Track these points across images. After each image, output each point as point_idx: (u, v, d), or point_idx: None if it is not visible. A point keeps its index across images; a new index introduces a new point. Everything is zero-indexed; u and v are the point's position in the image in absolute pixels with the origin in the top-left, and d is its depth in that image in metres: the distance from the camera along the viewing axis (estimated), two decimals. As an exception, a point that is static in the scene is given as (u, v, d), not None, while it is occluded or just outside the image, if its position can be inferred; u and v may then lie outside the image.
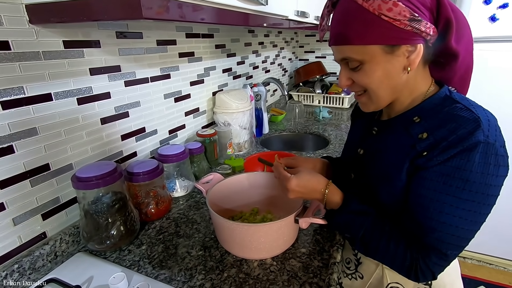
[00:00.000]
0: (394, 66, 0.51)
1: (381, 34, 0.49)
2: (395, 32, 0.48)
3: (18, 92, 0.61)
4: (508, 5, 1.45)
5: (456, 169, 0.48)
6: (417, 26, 0.47)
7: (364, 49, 0.51)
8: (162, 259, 0.69)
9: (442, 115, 0.52)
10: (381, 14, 0.47)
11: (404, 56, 0.50)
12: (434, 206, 0.50)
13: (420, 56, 0.50)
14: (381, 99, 0.56)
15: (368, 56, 0.51)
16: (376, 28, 0.48)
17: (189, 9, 0.57)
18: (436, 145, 0.50)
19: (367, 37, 0.49)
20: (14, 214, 0.64)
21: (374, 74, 0.53)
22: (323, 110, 1.81)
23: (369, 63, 0.52)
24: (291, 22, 1.17)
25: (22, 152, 0.64)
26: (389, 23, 0.47)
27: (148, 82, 0.96)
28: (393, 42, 0.49)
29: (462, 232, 0.50)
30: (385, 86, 0.54)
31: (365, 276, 0.71)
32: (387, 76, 0.53)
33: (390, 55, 0.50)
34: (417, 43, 0.49)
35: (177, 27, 1.04)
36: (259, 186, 0.85)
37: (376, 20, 0.48)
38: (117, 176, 0.69)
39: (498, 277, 1.84)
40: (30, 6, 0.60)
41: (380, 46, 0.50)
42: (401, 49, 0.50)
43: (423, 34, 0.48)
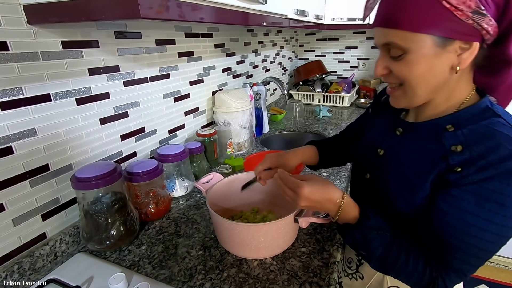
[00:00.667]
0: (441, 62, 0.46)
1: (437, 23, 0.42)
2: (454, 24, 0.42)
3: (17, 93, 0.61)
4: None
5: (493, 192, 0.44)
6: (479, 21, 0.42)
7: (413, 36, 0.44)
8: (162, 259, 0.69)
9: (481, 128, 0.47)
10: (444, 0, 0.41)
11: (456, 53, 0.45)
12: (463, 226, 0.46)
13: (473, 56, 0.45)
14: (417, 97, 0.50)
15: (416, 45, 0.45)
16: (433, 15, 0.42)
17: (188, 8, 0.57)
18: (472, 162, 0.45)
19: (420, 24, 0.43)
20: (14, 215, 0.64)
21: (417, 67, 0.47)
22: (323, 109, 1.81)
23: (414, 54, 0.46)
24: (290, 21, 1.17)
25: (21, 153, 0.64)
26: (449, 11, 0.41)
27: (147, 82, 0.96)
28: (448, 34, 0.43)
29: (486, 254, 0.48)
30: (426, 83, 0.48)
31: (365, 277, 0.70)
32: (431, 72, 0.47)
33: (440, 49, 0.44)
34: (474, 41, 0.44)
35: (176, 27, 1.04)
36: (259, 186, 0.85)
37: (435, 5, 0.42)
38: (116, 176, 0.69)
39: (499, 275, 1.84)
40: (28, 6, 0.59)
41: (432, 36, 0.44)
42: (454, 45, 0.44)
43: (483, 32, 0.43)
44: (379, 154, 0.62)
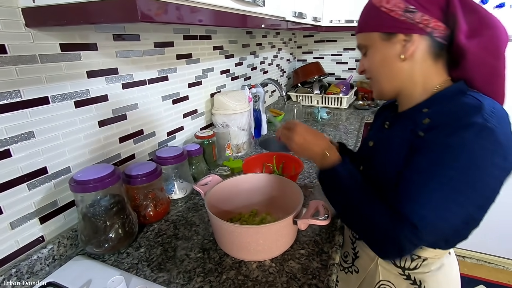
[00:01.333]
0: (390, 52, 0.57)
1: (380, 23, 0.56)
2: (391, 21, 0.54)
3: (15, 96, 0.61)
4: (504, 5, 1.45)
5: (447, 146, 0.48)
6: (411, 17, 0.52)
7: (368, 35, 0.59)
8: (160, 262, 0.69)
9: (450, 104, 0.53)
10: (381, 6, 0.55)
11: (401, 44, 0.55)
12: (418, 177, 0.50)
13: (414, 45, 0.54)
14: (381, 83, 0.62)
15: (370, 42, 0.59)
16: (376, 18, 0.56)
17: (186, 11, 0.57)
18: (434, 127, 0.51)
19: (369, 25, 0.59)
20: (11, 218, 0.63)
21: (374, 59, 0.60)
22: (321, 111, 1.81)
23: (371, 48, 0.60)
24: (288, 23, 1.17)
25: (19, 155, 0.63)
26: (386, 13, 0.55)
27: (145, 84, 0.96)
28: (389, 30, 0.55)
29: (443, 213, 0.48)
30: (383, 71, 0.60)
31: (360, 271, 0.72)
32: (384, 61, 0.58)
33: (387, 42, 0.57)
34: (412, 33, 0.53)
35: (175, 29, 1.04)
36: (257, 188, 0.85)
37: (377, 11, 0.56)
38: (115, 179, 0.69)
39: (497, 276, 1.85)
40: (27, 9, 0.59)
41: (378, 33, 0.57)
42: (397, 37, 0.55)
43: (420, 25, 0.52)
44: (369, 146, 0.70)
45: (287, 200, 0.77)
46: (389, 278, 0.67)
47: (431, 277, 0.63)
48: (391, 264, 0.66)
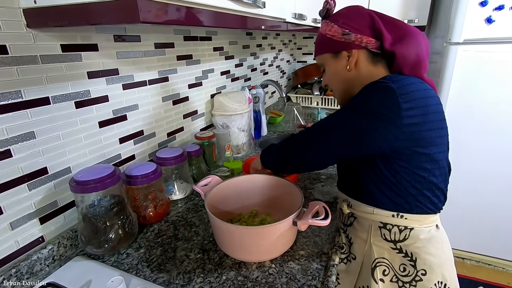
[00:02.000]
0: (339, 66, 0.73)
1: (328, 46, 0.73)
2: (335, 43, 0.71)
3: (16, 96, 0.61)
4: (504, 7, 1.46)
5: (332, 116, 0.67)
6: (347, 38, 0.69)
7: (322, 57, 0.76)
8: (160, 263, 0.69)
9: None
10: (326, 33, 0.72)
11: (346, 59, 0.71)
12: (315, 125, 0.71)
13: (355, 58, 0.69)
14: (337, 91, 0.78)
15: (324, 61, 0.76)
16: (324, 43, 0.74)
17: (186, 12, 0.57)
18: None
19: (321, 49, 0.75)
20: (11, 219, 0.63)
21: (329, 72, 0.76)
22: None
23: (326, 66, 0.76)
24: (288, 24, 1.17)
25: (19, 156, 0.63)
26: (330, 38, 0.71)
27: (146, 85, 0.96)
28: (335, 50, 0.72)
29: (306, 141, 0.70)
30: (336, 80, 0.76)
31: (357, 256, 0.76)
32: (336, 73, 0.74)
33: (336, 59, 0.73)
34: (352, 49, 0.69)
35: (175, 30, 1.05)
36: (257, 188, 0.85)
37: (324, 37, 0.73)
38: (115, 180, 0.69)
39: (497, 277, 1.85)
40: (28, 10, 0.60)
41: (328, 54, 0.74)
42: (342, 54, 0.71)
43: (356, 42, 0.68)
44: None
45: (287, 201, 0.77)
46: (383, 255, 0.71)
47: (422, 249, 0.68)
48: (383, 240, 0.71)
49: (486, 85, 1.59)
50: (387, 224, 0.69)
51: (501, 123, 1.61)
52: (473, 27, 1.52)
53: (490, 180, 1.70)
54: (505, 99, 1.59)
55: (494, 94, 1.59)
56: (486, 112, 1.62)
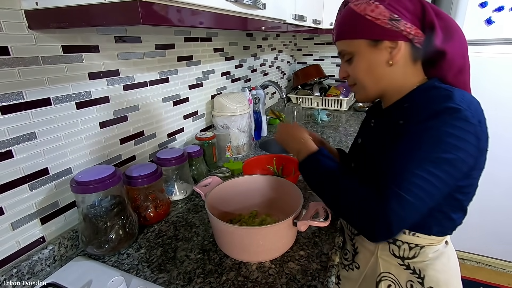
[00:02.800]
0: (377, 58, 0.60)
1: (366, 30, 0.59)
2: (377, 29, 0.57)
3: (17, 97, 0.62)
4: (503, 8, 1.46)
5: (426, 128, 0.52)
6: (396, 25, 0.56)
7: (354, 42, 0.61)
8: (161, 263, 0.69)
9: (425, 95, 0.58)
10: (366, 14, 0.58)
11: (387, 51, 0.59)
12: (399, 158, 0.53)
13: (401, 52, 0.58)
14: (367, 88, 0.64)
15: (357, 48, 0.61)
16: (362, 25, 0.59)
17: (187, 14, 0.58)
18: (411, 115, 0.56)
19: (355, 32, 0.60)
20: (12, 219, 0.64)
21: (361, 64, 0.62)
22: (321, 113, 1.82)
23: (357, 55, 0.62)
24: (289, 25, 1.18)
25: (20, 156, 0.64)
26: (371, 21, 0.57)
27: (146, 86, 0.96)
28: (375, 37, 0.58)
29: (423, 182, 0.50)
30: (370, 76, 0.63)
31: (361, 266, 0.73)
32: (371, 66, 0.61)
33: (373, 49, 0.59)
34: (398, 40, 0.57)
35: (176, 31, 1.05)
36: (257, 189, 0.86)
37: (362, 19, 0.58)
38: (116, 180, 0.69)
39: (497, 278, 1.84)
40: (30, 12, 0.60)
41: (365, 40, 0.59)
42: (383, 44, 0.58)
43: (404, 32, 0.56)
44: (358, 143, 0.75)
45: (287, 202, 0.77)
46: (389, 269, 0.68)
47: (430, 266, 0.64)
48: (390, 256, 0.67)
49: (486, 86, 1.59)
50: (397, 240, 0.65)
51: (501, 125, 1.61)
52: (473, 28, 1.53)
53: (491, 182, 1.70)
54: (505, 101, 1.59)
55: (495, 95, 1.59)
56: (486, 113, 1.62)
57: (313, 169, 0.65)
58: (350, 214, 0.56)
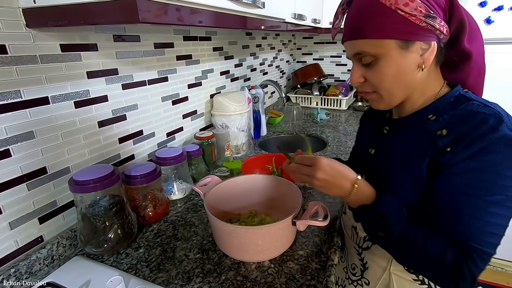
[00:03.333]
0: (408, 62, 0.51)
1: (397, 29, 0.48)
2: (411, 28, 0.48)
3: (15, 96, 0.61)
4: (503, 8, 1.46)
5: (485, 163, 0.47)
6: (432, 23, 0.48)
7: (379, 43, 0.50)
8: (159, 262, 0.69)
9: (460, 112, 0.52)
10: (398, 8, 0.47)
11: (418, 53, 0.51)
12: (467, 202, 0.49)
13: (434, 54, 0.51)
14: (394, 97, 0.56)
15: (383, 50, 0.51)
16: (392, 22, 0.48)
17: (186, 12, 0.57)
18: (459, 140, 0.49)
19: (383, 30, 0.49)
20: (10, 218, 0.63)
21: (388, 70, 0.52)
22: (321, 112, 1.82)
23: (383, 58, 0.51)
24: (288, 24, 1.18)
25: (18, 155, 0.63)
26: (405, 18, 0.48)
27: (145, 85, 0.96)
28: (408, 37, 0.49)
29: (497, 228, 0.48)
30: (399, 83, 0.54)
31: (371, 282, 0.69)
32: (401, 72, 0.52)
33: (404, 51, 0.50)
34: (431, 41, 0.50)
35: (175, 30, 1.05)
36: (257, 189, 0.85)
37: (392, 14, 0.48)
38: (114, 179, 0.69)
39: (496, 277, 1.85)
40: (27, 10, 0.60)
41: (395, 40, 0.50)
42: (416, 46, 0.50)
43: (437, 32, 0.49)
44: (371, 153, 0.66)
45: (286, 201, 0.77)
46: (404, 286, 0.64)
47: None
48: (405, 271, 0.63)
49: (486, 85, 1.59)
50: None
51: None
52: (472, 27, 1.53)
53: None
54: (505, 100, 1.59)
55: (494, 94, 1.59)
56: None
57: (380, 219, 0.54)
58: (423, 268, 0.53)
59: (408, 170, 0.56)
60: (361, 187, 0.56)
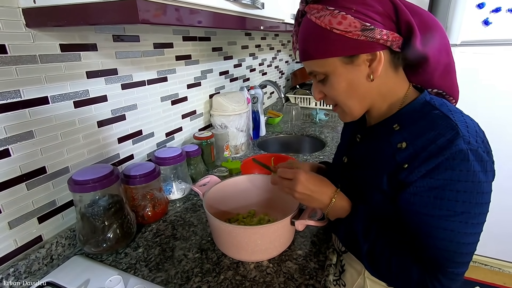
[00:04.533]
0: (356, 75, 0.52)
1: (336, 46, 0.50)
2: (349, 43, 0.49)
3: (15, 96, 0.61)
4: (500, 9, 1.47)
5: (444, 181, 0.46)
6: (370, 35, 0.48)
7: (325, 62, 0.53)
8: (158, 262, 0.69)
9: (421, 122, 0.51)
10: (333, 28, 0.49)
11: (366, 64, 0.51)
12: (430, 222, 0.48)
13: (381, 63, 0.50)
14: (353, 109, 0.57)
15: (330, 68, 0.53)
16: (331, 42, 0.50)
17: (185, 13, 0.58)
18: (416, 155, 0.49)
19: (324, 51, 0.52)
20: (10, 218, 0.64)
21: (339, 85, 0.54)
22: (319, 113, 1.82)
23: (332, 75, 0.54)
24: (287, 25, 1.18)
25: (18, 155, 0.63)
26: (341, 35, 0.49)
27: (145, 85, 0.96)
28: (349, 53, 0.50)
29: (464, 247, 0.48)
30: (353, 96, 0.55)
31: (347, 285, 0.71)
32: (351, 86, 0.54)
33: (350, 65, 0.52)
34: (375, 51, 0.50)
35: (174, 30, 1.05)
36: (255, 189, 0.86)
37: (329, 34, 0.50)
38: (113, 179, 0.69)
39: (493, 277, 1.86)
40: (27, 10, 0.60)
41: (338, 58, 0.51)
42: (360, 58, 0.51)
43: (381, 41, 0.49)
44: (344, 162, 0.67)
45: (285, 201, 0.77)
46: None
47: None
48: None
49: (484, 87, 1.60)
50: None
51: (499, 126, 1.62)
52: (470, 29, 1.53)
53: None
54: (503, 101, 1.60)
55: (492, 96, 1.60)
56: (484, 114, 1.63)
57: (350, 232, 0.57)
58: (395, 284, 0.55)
59: (374, 183, 0.55)
60: (336, 202, 0.58)
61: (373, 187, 0.56)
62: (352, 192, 0.60)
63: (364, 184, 0.58)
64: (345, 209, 0.58)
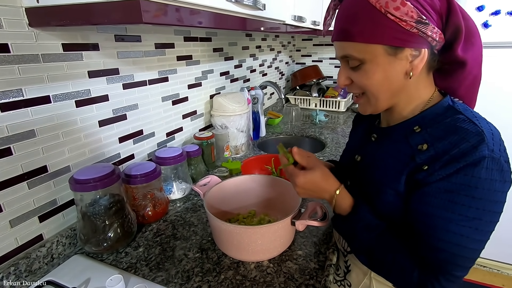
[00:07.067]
0: (395, 69, 0.49)
1: (386, 34, 0.46)
2: (400, 34, 0.46)
3: (17, 95, 0.62)
4: (500, 12, 1.48)
5: (461, 186, 0.45)
6: (423, 30, 0.45)
7: (367, 47, 0.48)
8: (159, 261, 0.69)
9: (444, 126, 0.50)
10: (388, 12, 0.45)
11: (407, 60, 0.48)
12: (440, 224, 0.47)
13: (423, 61, 0.48)
14: (380, 102, 0.54)
15: (370, 55, 0.49)
16: (380, 27, 0.46)
17: (187, 13, 0.58)
18: (437, 158, 0.48)
19: (370, 35, 0.47)
20: (11, 216, 0.64)
21: (374, 75, 0.50)
22: (319, 114, 1.82)
23: (370, 64, 0.50)
24: (288, 26, 1.18)
25: (19, 154, 0.64)
26: (394, 22, 0.45)
27: (146, 85, 0.96)
28: (397, 43, 0.47)
29: (469, 252, 0.48)
30: (385, 89, 0.52)
31: (352, 285, 0.70)
32: (387, 79, 0.50)
33: (392, 57, 0.48)
34: (422, 48, 0.47)
35: (175, 31, 1.05)
36: (256, 189, 0.86)
37: (381, 18, 0.46)
38: (114, 179, 0.69)
39: (491, 279, 1.86)
40: (30, 9, 0.60)
41: (383, 46, 0.47)
42: (405, 52, 0.48)
43: (429, 39, 0.46)
44: (357, 160, 0.66)
45: (285, 201, 0.78)
46: None
47: None
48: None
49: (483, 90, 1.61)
50: None
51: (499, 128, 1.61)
52: (470, 31, 1.54)
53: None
54: (503, 103, 1.61)
55: (492, 98, 1.61)
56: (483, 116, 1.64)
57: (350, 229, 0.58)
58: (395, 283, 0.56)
59: (389, 183, 0.55)
60: (338, 201, 0.58)
61: (388, 186, 0.55)
62: (361, 191, 0.60)
63: (377, 183, 0.57)
64: (346, 207, 0.58)
